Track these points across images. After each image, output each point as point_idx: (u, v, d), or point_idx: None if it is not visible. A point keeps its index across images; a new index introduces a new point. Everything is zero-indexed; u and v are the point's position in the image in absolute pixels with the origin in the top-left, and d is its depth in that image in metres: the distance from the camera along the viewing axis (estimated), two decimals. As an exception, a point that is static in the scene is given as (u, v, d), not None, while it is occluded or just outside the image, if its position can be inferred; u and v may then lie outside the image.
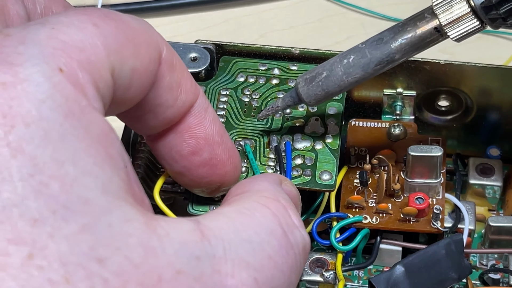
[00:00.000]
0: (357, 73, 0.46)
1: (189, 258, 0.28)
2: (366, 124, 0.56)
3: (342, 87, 0.47)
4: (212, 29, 0.72)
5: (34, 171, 0.26)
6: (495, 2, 0.42)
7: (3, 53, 0.28)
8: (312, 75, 0.48)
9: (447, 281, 0.48)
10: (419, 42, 0.45)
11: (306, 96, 0.48)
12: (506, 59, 0.66)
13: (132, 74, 0.32)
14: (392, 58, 0.46)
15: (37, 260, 0.25)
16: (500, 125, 0.57)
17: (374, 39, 0.46)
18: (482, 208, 0.56)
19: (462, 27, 0.44)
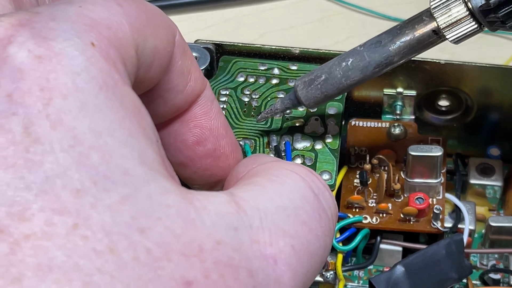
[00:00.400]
0: (356, 75, 0.46)
1: (227, 229, 0.28)
2: (366, 124, 0.56)
3: (341, 89, 0.47)
4: (212, 29, 0.72)
5: (74, 142, 0.26)
6: (494, 5, 0.42)
7: (35, 28, 0.28)
8: (310, 77, 0.48)
9: (447, 281, 0.48)
10: (418, 45, 0.45)
11: (305, 99, 0.48)
12: (506, 59, 0.66)
13: (153, 53, 0.33)
14: (391, 60, 0.46)
15: (81, 230, 0.25)
16: (501, 125, 0.57)
17: (372, 42, 0.46)
18: (482, 208, 0.56)
19: (460, 30, 0.44)
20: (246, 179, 0.33)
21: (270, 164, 0.34)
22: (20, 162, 0.26)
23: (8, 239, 0.24)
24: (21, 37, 0.27)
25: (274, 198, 0.31)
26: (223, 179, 0.40)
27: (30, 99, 0.26)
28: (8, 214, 0.25)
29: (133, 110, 0.29)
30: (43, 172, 0.26)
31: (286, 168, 0.33)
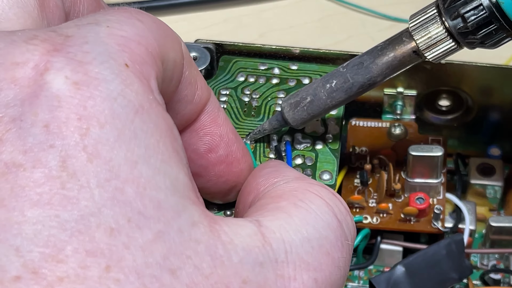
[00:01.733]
0: (340, 96, 0.47)
1: (253, 266, 0.28)
2: (366, 124, 0.56)
3: (327, 110, 0.48)
4: (212, 29, 0.72)
5: (110, 176, 0.26)
6: (472, 28, 0.42)
7: (70, 53, 0.27)
8: (296, 99, 0.48)
9: (447, 281, 0.48)
10: (399, 65, 0.46)
11: (292, 120, 0.49)
12: (506, 59, 0.66)
13: (174, 67, 0.33)
14: (374, 81, 0.46)
15: (114, 272, 0.25)
16: (501, 124, 0.57)
17: (354, 64, 0.47)
18: (483, 208, 0.56)
19: (439, 49, 0.44)
20: (271, 200, 0.33)
21: (295, 184, 0.34)
22: (56, 199, 0.25)
23: (42, 282, 0.24)
24: (58, 63, 0.27)
25: (300, 229, 0.31)
26: (237, 184, 0.40)
27: (67, 130, 0.26)
28: (43, 255, 0.25)
29: (166, 132, 0.28)
30: (78, 210, 0.25)
31: (312, 191, 0.33)
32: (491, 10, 0.42)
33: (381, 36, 0.69)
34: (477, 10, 0.42)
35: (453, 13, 0.43)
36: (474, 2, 0.42)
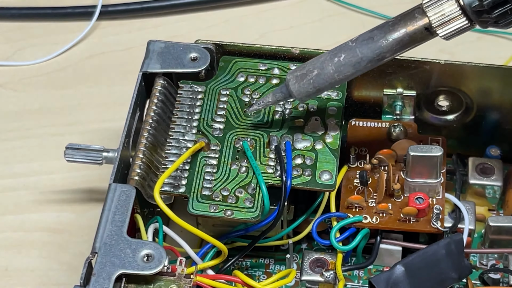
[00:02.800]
0: (348, 71, 0.47)
1: None
2: (366, 124, 0.56)
3: (333, 84, 0.48)
4: (212, 29, 0.72)
5: None
6: (487, 6, 0.42)
7: None
8: (302, 72, 0.48)
9: (447, 280, 0.49)
10: (410, 41, 0.46)
11: (297, 93, 0.48)
12: (506, 59, 0.66)
13: None
14: (383, 56, 0.46)
15: None
16: (500, 125, 0.57)
17: (364, 38, 0.46)
18: (482, 208, 0.56)
19: (451, 26, 0.44)
20: None
21: None
22: None
23: None
24: None
25: None
26: None
27: None
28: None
29: None
30: None
31: None
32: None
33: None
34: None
35: None
36: None
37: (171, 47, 0.55)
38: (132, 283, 0.46)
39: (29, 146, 0.64)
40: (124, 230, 0.47)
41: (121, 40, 0.71)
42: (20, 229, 0.60)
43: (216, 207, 0.49)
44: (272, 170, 0.50)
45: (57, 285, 0.56)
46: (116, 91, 0.68)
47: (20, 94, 0.68)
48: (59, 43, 0.71)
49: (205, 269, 0.50)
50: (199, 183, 0.50)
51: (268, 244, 0.54)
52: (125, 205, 0.48)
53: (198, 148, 0.51)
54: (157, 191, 0.47)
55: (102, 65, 0.70)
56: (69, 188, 0.62)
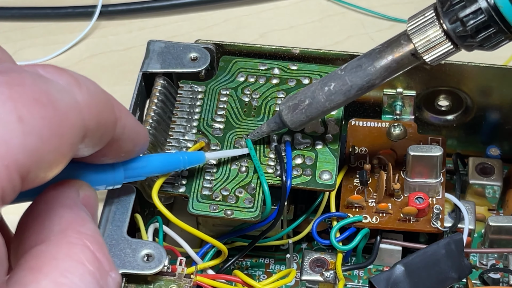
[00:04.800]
0: (339, 99, 0.48)
1: None
2: (366, 124, 0.56)
3: (325, 112, 0.49)
4: (212, 29, 0.72)
5: None
6: (471, 32, 0.43)
7: None
8: (294, 102, 0.49)
9: (447, 280, 0.49)
10: (397, 67, 0.46)
11: (290, 122, 0.49)
12: (506, 59, 0.66)
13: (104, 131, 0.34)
14: (372, 84, 0.47)
15: None
16: (500, 124, 0.57)
17: (352, 66, 0.47)
18: (482, 208, 0.56)
19: (437, 51, 0.45)
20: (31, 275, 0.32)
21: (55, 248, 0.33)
22: None
23: None
24: None
25: None
26: None
27: None
28: None
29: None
30: None
31: (72, 257, 0.33)
32: (490, 14, 0.42)
33: (380, 36, 0.70)
34: (476, 14, 0.42)
35: (452, 17, 0.43)
36: (473, 6, 0.42)
37: (171, 47, 0.55)
38: (132, 283, 0.46)
39: (29, 146, 0.64)
40: (124, 230, 0.47)
41: (121, 40, 0.71)
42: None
43: (216, 207, 0.49)
44: (272, 170, 0.50)
45: (57, 285, 0.56)
46: (116, 91, 0.67)
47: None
48: (59, 43, 0.71)
49: (205, 269, 0.50)
50: (199, 183, 0.50)
51: (268, 244, 0.54)
52: (125, 205, 0.48)
53: (198, 148, 0.51)
54: (155, 192, 0.47)
55: (102, 65, 0.70)
56: (69, 188, 0.61)
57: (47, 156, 0.31)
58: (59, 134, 0.31)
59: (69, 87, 0.33)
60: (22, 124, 0.30)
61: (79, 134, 0.33)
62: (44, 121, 0.31)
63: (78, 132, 0.33)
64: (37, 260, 0.32)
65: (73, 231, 0.34)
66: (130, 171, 0.43)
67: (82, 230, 0.34)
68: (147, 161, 0.45)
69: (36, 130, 0.30)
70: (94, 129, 0.34)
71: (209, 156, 0.49)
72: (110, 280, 0.33)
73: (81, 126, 0.33)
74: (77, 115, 0.32)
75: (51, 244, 0.33)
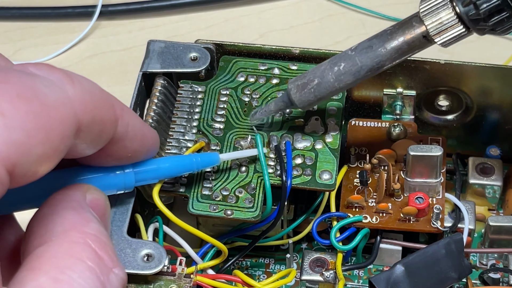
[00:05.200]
0: (348, 79, 0.47)
1: None
2: (366, 124, 0.56)
3: (334, 92, 0.49)
4: (212, 29, 0.72)
5: None
6: (484, 15, 0.43)
7: None
8: (303, 81, 0.48)
9: (447, 280, 0.49)
10: (408, 49, 0.46)
11: (299, 102, 0.49)
12: (506, 59, 0.66)
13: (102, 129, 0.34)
14: (383, 64, 0.47)
15: None
16: (500, 124, 0.57)
17: (363, 47, 0.47)
18: (482, 208, 0.56)
19: (449, 34, 0.45)
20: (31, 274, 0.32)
21: (55, 248, 0.33)
22: None
23: None
24: None
25: None
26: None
27: None
28: None
29: None
30: None
31: (73, 255, 0.33)
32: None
33: (380, 36, 0.70)
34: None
35: (465, 0, 0.43)
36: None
37: (171, 47, 0.55)
38: (132, 283, 0.46)
39: (29, 146, 0.64)
40: (124, 230, 0.47)
41: (121, 40, 0.71)
42: (20, 229, 0.59)
43: (216, 207, 0.49)
44: (272, 170, 0.50)
45: (57, 285, 0.56)
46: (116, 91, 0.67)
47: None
48: (59, 43, 0.71)
49: (205, 269, 0.50)
50: (199, 182, 0.50)
51: (268, 244, 0.54)
52: (125, 205, 0.48)
53: (198, 148, 0.51)
54: (156, 192, 0.47)
55: (102, 65, 0.70)
56: (69, 188, 0.61)
57: (35, 149, 0.31)
58: (47, 127, 0.31)
59: (60, 83, 0.33)
60: (4, 118, 0.30)
61: (71, 128, 0.33)
62: (28, 115, 0.31)
63: (69, 125, 0.33)
64: (37, 260, 0.32)
65: (76, 231, 0.34)
66: (141, 175, 0.43)
67: (85, 230, 0.34)
68: (158, 164, 0.45)
69: (20, 124, 0.30)
70: (89, 124, 0.34)
71: (223, 157, 0.49)
72: (113, 277, 0.33)
73: (73, 120, 0.33)
74: (68, 109, 0.32)
75: (52, 244, 0.33)
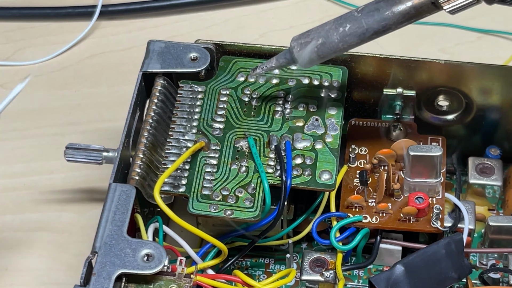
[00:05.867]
0: (353, 41, 0.48)
1: None
2: (366, 124, 0.56)
3: (337, 52, 0.49)
4: (212, 29, 0.72)
5: None
6: None
7: None
8: (307, 40, 0.49)
9: (447, 280, 0.49)
10: (415, 14, 0.46)
11: (301, 60, 0.49)
12: (506, 59, 0.66)
13: None
14: (388, 28, 0.47)
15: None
16: (500, 124, 0.57)
17: (370, 9, 0.47)
18: (482, 208, 0.56)
19: (458, 1, 0.45)
20: None
21: None
22: None
23: None
24: None
25: None
26: None
27: None
28: None
29: None
30: None
31: None
32: None
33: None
34: None
35: None
36: None
37: (171, 47, 0.55)
38: (132, 283, 0.46)
39: (29, 146, 0.64)
40: (124, 230, 0.47)
41: (121, 40, 0.71)
42: (20, 229, 0.60)
43: (216, 207, 0.49)
44: (272, 170, 0.50)
45: (57, 285, 0.57)
46: (116, 91, 0.68)
47: (20, 94, 0.68)
48: (59, 43, 0.71)
49: (205, 269, 0.50)
50: (199, 182, 0.50)
51: (268, 244, 0.54)
52: (125, 204, 0.48)
53: (198, 148, 0.51)
54: (157, 190, 0.47)
55: (102, 65, 0.70)
56: (69, 188, 0.62)
57: None
58: None
59: None
60: None
61: None
62: None
63: None
64: None
65: None
66: None
67: None
68: None
69: None
70: None
71: None
72: None
73: None
74: None
75: None
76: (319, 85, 0.54)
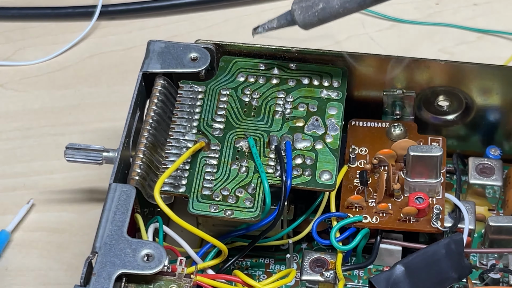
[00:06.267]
0: (353, 7, 0.49)
1: None
2: (366, 124, 0.56)
3: (337, 17, 0.50)
4: (212, 29, 0.72)
5: None
6: None
7: None
8: (308, 4, 0.50)
9: (447, 280, 0.49)
10: None
11: (302, 23, 0.50)
12: (506, 59, 0.66)
13: None
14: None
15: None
16: (500, 124, 0.57)
17: None
18: (482, 208, 0.56)
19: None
20: None
21: None
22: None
23: None
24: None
25: None
26: None
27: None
28: None
29: None
30: None
31: None
32: None
33: (380, 36, 0.70)
34: None
35: None
36: None
37: (171, 47, 0.55)
38: (132, 283, 0.46)
39: (29, 146, 0.64)
40: (124, 230, 0.47)
41: (121, 40, 0.71)
42: (20, 229, 0.60)
43: (216, 207, 0.49)
44: (272, 170, 0.50)
45: (57, 285, 0.57)
46: (116, 91, 0.68)
47: (21, 94, 0.68)
48: (59, 43, 0.71)
49: (205, 269, 0.50)
50: (199, 183, 0.50)
51: (268, 244, 0.54)
52: (125, 205, 0.48)
53: (198, 148, 0.51)
54: (157, 191, 0.47)
55: (102, 65, 0.70)
56: (69, 188, 0.62)
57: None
58: None
59: None
60: None
61: None
62: None
63: None
64: None
65: None
66: None
67: None
68: None
69: None
70: None
71: None
72: None
73: None
74: None
75: None
76: (319, 85, 0.54)
